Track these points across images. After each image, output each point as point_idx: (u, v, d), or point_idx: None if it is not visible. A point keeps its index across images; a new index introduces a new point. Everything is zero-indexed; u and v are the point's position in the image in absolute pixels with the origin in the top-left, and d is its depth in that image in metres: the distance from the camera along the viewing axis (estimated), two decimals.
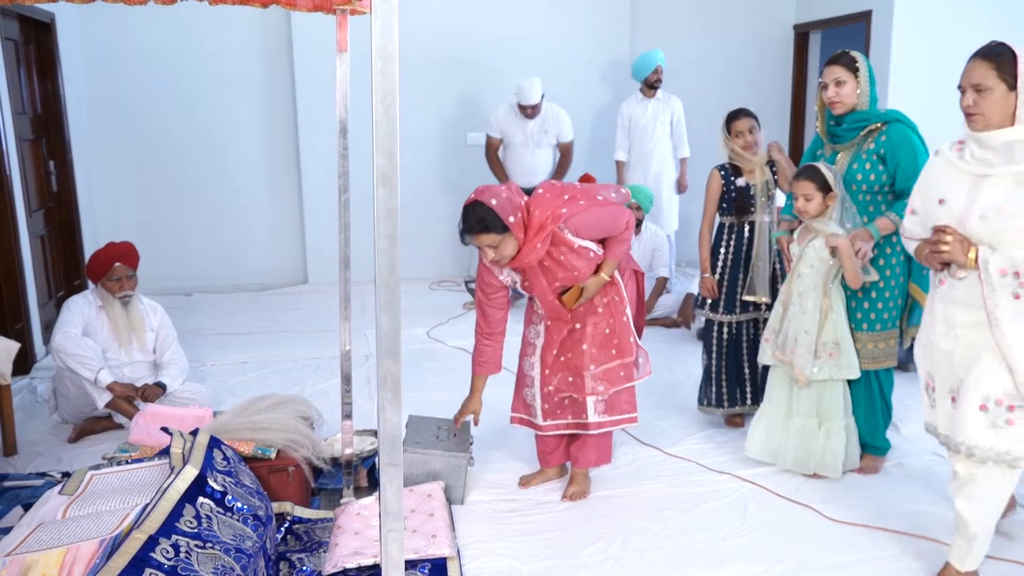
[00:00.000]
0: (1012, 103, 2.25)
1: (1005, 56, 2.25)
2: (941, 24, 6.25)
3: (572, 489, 3.16)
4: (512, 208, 2.79)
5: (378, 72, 1.32)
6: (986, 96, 2.25)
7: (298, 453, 3.06)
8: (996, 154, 2.27)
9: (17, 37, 5.03)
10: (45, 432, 3.83)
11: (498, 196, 2.79)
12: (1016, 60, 2.23)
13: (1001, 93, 2.24)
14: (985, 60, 2.27)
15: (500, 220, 2.75)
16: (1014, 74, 2.23)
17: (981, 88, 2.26)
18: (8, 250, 4.58)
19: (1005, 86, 2.24)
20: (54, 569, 2.10)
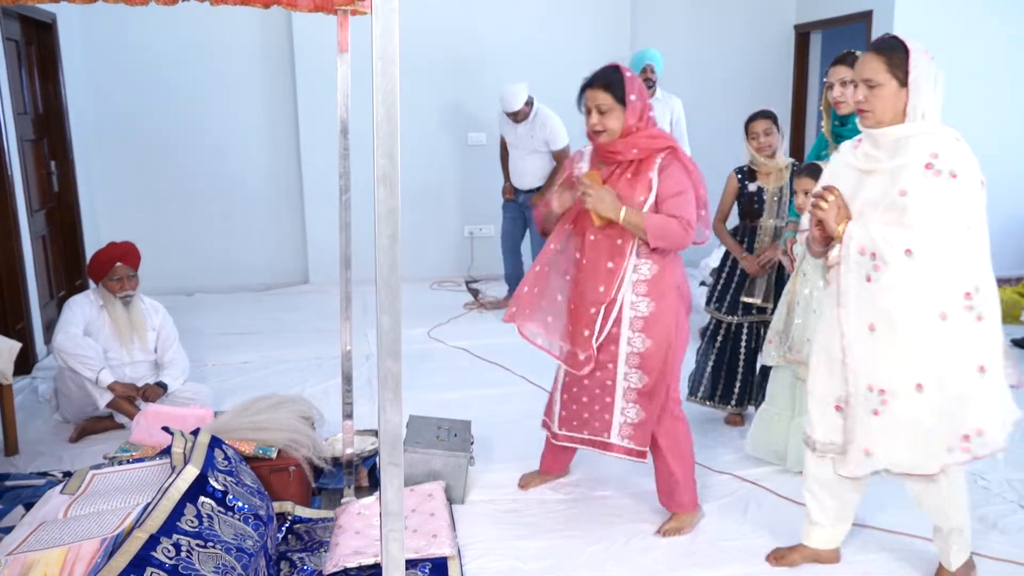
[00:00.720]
0: (903, 100, 2.19)
1: (897, 52, 2.19)
2: (942, 24, 6.25)
3: (668, 525, 2.93)
4: (640, 95, 2.68)
5: (379, 72, 1.33)
6: (877, 92, 2.20)
7: (299, 453, 3.06)
8: (885, 151, 2.23)
9: (19, 37, 5.03)
10: (46, 432, 3.83)
11: (634, 76, 2.71)
12: (908, 56, 2.18)
13: (892, 89, 2.19)
14: (877, 55, 2.21)
15: (623, 89, 2.66)
16: (906, 70, 2.17)
17: (872, 84, 2.20)
18: (9, 250, 4.59)
19: (896, 82, 2.19)
20: (55, 568, 2.10)
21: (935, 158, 2.13)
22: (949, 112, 6.87)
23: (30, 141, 5.11)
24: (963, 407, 2.19)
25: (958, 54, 6.33)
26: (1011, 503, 3.07)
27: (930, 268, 2.12)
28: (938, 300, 2.14)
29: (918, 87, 2.17)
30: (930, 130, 2.19)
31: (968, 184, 2.14)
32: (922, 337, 2.17)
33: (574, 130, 6.90)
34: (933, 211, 2.11)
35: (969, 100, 6.43)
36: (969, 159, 2.16)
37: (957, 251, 2.13)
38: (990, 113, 6.51)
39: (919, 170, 2.13)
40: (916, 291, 2.15)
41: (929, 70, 2.20)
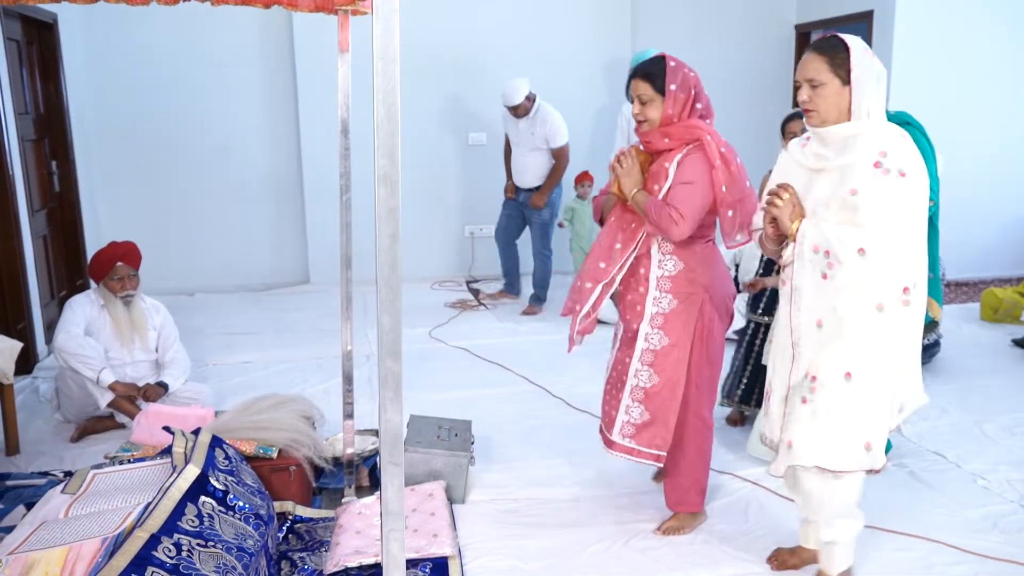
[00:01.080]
0: (847, 98, 2.19)
1: (838, 50, 2.19)
2: (942, 24, 6.25)
3: (668, 523, 2.92)
4: (682, 83, 2.66)
5: (380, 72, 1.33)
6: (820, 91, 2.20)
7: (300, 452, 3.07)
8: (833, 150, 2.23)
9: (20, 38, 5.04)
10: (47, 431, 3.83)
11: (681, 67, 2.70)
12: (849, 54, 2.17)
13: (835, 88, 2.19)
14: (818, 55, 2.22)
15: (663, 80, 2.64)
16: (848, 68, 2.17)
17: (815, 83, 2.21)
18: (10, 250, 4.59)
19: (839, 81, 2.19)
20: (56, 568, 2.10)
21: (884, 156, 2.13)
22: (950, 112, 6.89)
23: (31, 141, 5.11)
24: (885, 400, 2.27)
25: (959, 53, 6.34)
26: (1011, 503, 3.06)
27: (880, 266, 2.14)
28: (879, 293, 2.17)
29: (860, 85, 2.17)
30: (876, 128, 2.18)
31: (916, 182, 2.14)
32: (860, 328, 2.21)
33: (579, 127, 6.93)
34: (884, 210, 2.12)
35: (970, 99, 6.44)
36: (916, 157, 2.16)
37: (904, 248, 2.15)
38: (991, 113, 6.51)
39: (868, 169, 2.14)
40: (865, 288, 2.17)
41: (871, 68, 2.18)
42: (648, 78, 2.67)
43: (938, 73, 6.29)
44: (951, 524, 2.91)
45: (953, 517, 2.97)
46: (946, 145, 6.48)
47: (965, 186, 6.45)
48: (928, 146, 3.16)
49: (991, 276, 6.76)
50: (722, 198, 2.63)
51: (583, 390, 4.25)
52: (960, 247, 6.37)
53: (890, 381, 2.25)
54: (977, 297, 6.06)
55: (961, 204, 6.39)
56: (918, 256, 2.19)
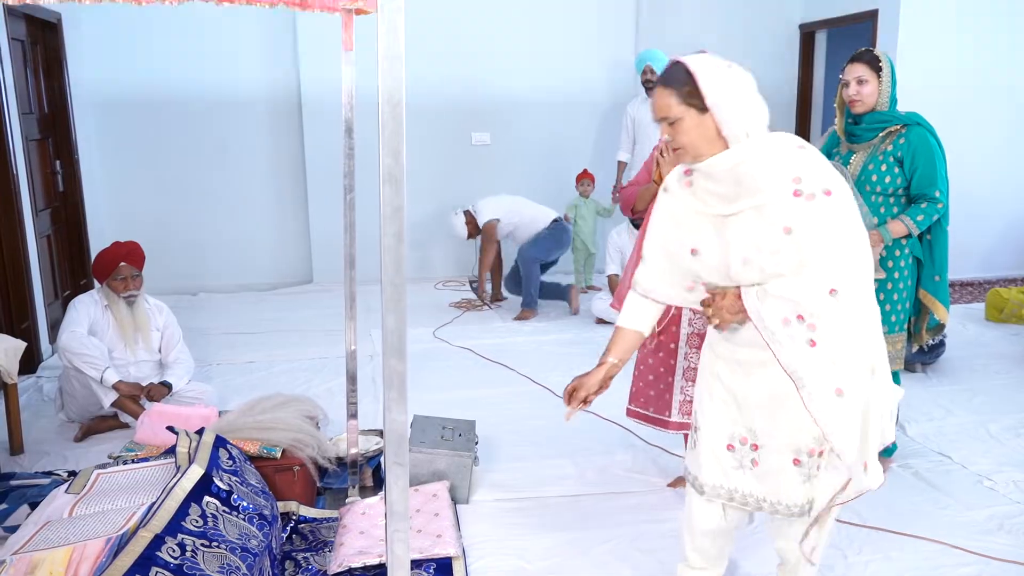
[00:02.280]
0: (711, 125, 1.90)
1: (680, 79, 1.91)
2: (947, 23, 6.24)
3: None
4: None
5: (384, 72, 1.32)
6: (679, 127, 1.92)
7: (303, 452, 3.06)
8: (726, 185, 1.93)
9: (24, 37, 5.04)
10: (51, 431, 3.83)
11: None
12: (695, 80, 1.89)
13: (694, 120, 1.90)
14: (664, 89, 1.94)
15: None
16: (699, 95, 1.89)
17: (671, 120, 1.93)
18: (15, 249, 4.60)
19: (694, 111, 1.90)
20: (61, 567, 2.10)
21: (799, 182, 1.87)
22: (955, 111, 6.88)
23: (35, 140, 5.12)
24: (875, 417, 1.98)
25: (963, 52, 6.33)
26: (1017, 504, 3.05)
27: (858, 296, 1.90)
28: (872, 322, 1.95)
29: (721, 108, 1.89)
30: (765, 149, 1.90)
31: (843, 192, 1.90)
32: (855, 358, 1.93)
33: (583, 126, 6.92)
34: (833, 239, 1.87)
35: (974, 98, 6.43)
36: (826, 165, 1.91)
37: (866, 265, 1.93)
38: (995, 112, 6.50)
39: (789, 200, 1.86)
40: (857, 326, 1.91)
41: (728, 84, 1.91)
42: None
43: (942, 72, 6.27)
44: (956, 525, 2.90)
45: (958, 518, 2.96)
46: (950, 144, 6.43)
47: (970, 186, 6.43)
48: (939, 149, 3.13)
49: (996, 276, 6.74)
50: None
51: None
52: (965, 247, 6.35)
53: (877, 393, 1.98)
54: (982, 297, 6.05)
55: (965, 204, 6.37)
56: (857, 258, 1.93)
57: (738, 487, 2.14)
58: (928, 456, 3.46)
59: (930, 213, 3.10)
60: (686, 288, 2.10)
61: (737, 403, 2.09)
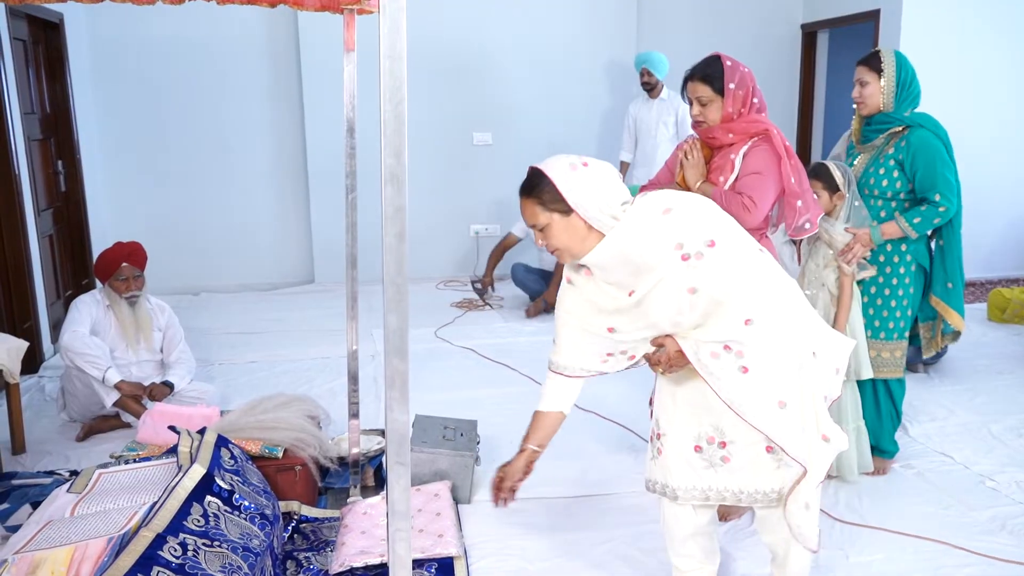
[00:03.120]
0: (579, 224, 1.96)
1: (540, 188, 1.96)
2: (949, 23, 6.23)
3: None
4: (740, 81, 2.63)
5: (386, 71, 1.32)
6: (549, 233, 1.99)
7: (305, 452, 3.06)
8: (621, 273, 2.00)
9: (26, 37, 5.05)
10: (53, 431, 3.84)
11: (737, 65, 2.66)
12: (554, 186, 1.94)
13: (560, 223, 1.96)
14: (527, 200, 2.00)
15: (722, 80, 2.63)
16: (560, 199, 1.94)
17: (540, 227, 1.99)
18: (17, 249, 4.60)
19: (559, 214, 1.96)
20: (63, 567, 2.10)
21: (681, 247, 1.93)
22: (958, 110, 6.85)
23: (37, 140, 5.12)
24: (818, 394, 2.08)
25: (966, 52, 6.32)
26: (1020, 504, 3.05)
27: (774, 316, 1.97)
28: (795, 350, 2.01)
29: (584, 205, 1.94)
30: (638, 228, 1.95)
31: (725, 236, 1.95)
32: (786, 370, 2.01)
33: (584, 127, 6.93)
34: (731, 281, 1.93)
35: (977, 98, 6.42)
36: (698, 218, 1.95)
37: (770, 284, 1.99)
38: (999, 111, 6.49)
39: (680, 266, 1.93)
40: (782, 342, 1.98)
41: (585, 182, 1.95)
42: (707, 80, 2.67)
43: (945, 72, 6.26)
44: (959, 525, 2.90)
45: (961, 518, 2.95)
46: (954, 144, 6.47)
47: (973, 186, 6.40)
48: (943, 151, 3.06)
49: (998, 276, 6.73)
50: (791, 189, 2.66)
51: (588, 390, 4.21)
52: (967, 247, 6.30)
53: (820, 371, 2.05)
54: (984, 297, 6.04)
55: (968, 204, 6.33)
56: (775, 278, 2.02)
57: (712, 485, 2.18)
58: (930, 456, 3.46)
59: (929, 216, 3.04)
60: (601, 360, 2.22)
61: (704, 404, 2.12)
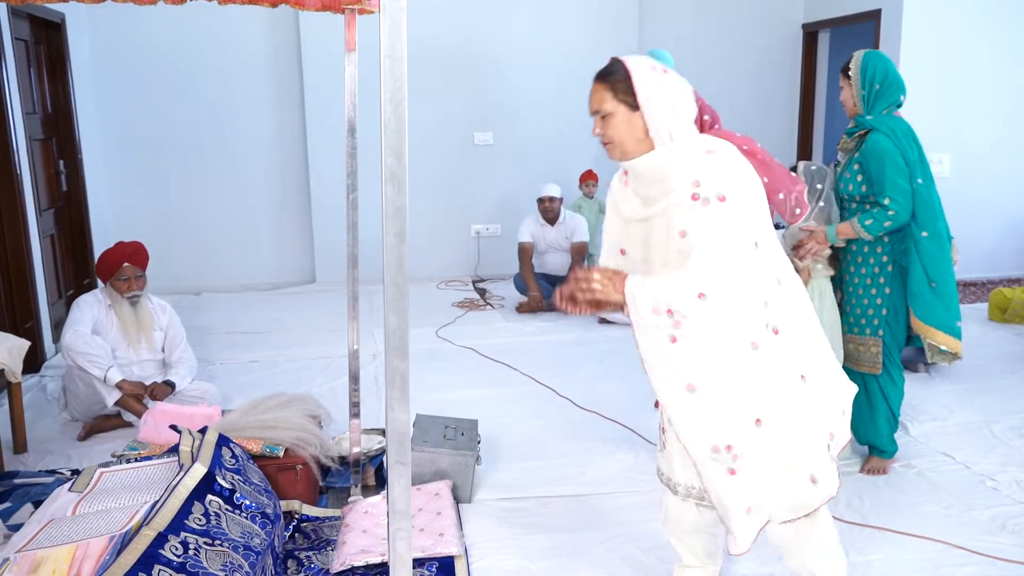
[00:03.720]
0: (640, 124, 1.98)
1: (617, 75, 1.98)
2: (950, 23, 6.23)
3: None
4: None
5: (387, 71, 1.32)
6: (610, 122, 2.00)
7: (306, 451, 3.07)
8: (648, 186, 2.03)
9: (28, 37, 5.06)
10: (55, 430, 3.84)
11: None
12: (631, 78, 1.96)
13: (624, 116, 1.98)
14: (599, 83, 2.01)
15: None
16: (632, 93, 1.96)
17: (603, 114, 2.01)
18: (18, 249, 4.61)
19: (625, 107, 1.97)
20: (64, 565, 2.11)
21: (698, 186, 1.92)
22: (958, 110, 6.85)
23: (39, 140, 5.13)
24: (810, 425, 2.04)
25: (967, 52, 6.32)
26: (1020, 504, 3.05)
27: (728, 304, 1.91)
28: (747, 332, 1.96)
29: (651, 108, 1.96)
30: (682, 153, 1.97)
31: (739, 201, 1.91)
32: (743, 375, 1.98)
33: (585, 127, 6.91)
34: (714, 244, 1.89)
35: (978, 98, 6.41)
36: (730, 172, 1.94)
37: (748, 275, 1.92)
38: (999, 111, 6.49)
39: (687, 204, 1.93)
40: (723, 332, 1.94)
41: (661, 87, 1.97)
42: None
43: (946, 72, 6.26)
44: (959, 525, 2.90)
45: (961, 518, 2.95)
46: (954, 143, 6.49)
47: (973, 185, 6.43)
48: (895, 155, 2.99)
49: (998, 276, 6.73)
50: (769, 188, 2.66)
51: (589, 390, 4.25)
52: (968, 247, 6.32)
53: (812, 399, 2.03)
54: (985, 297, 6.03)
55: (969, 203, 6.37)
56: (766, 274, 1.97)
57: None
58: (931, 456, 3.46)
59: (879, 219, 3.02)
60: None
61: None
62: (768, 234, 2.00)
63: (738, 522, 2.10)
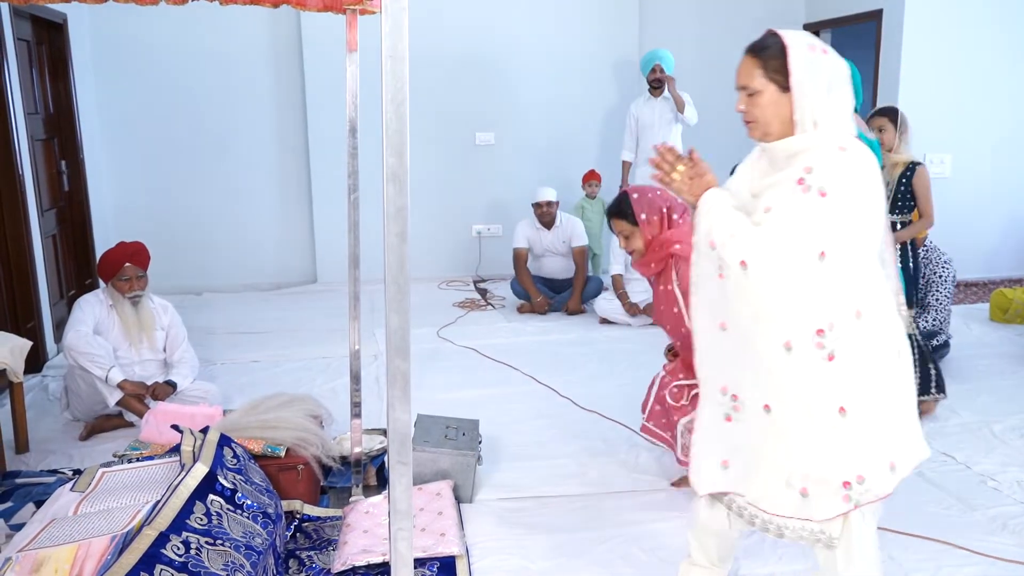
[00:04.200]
0: (788, 106, 1.86)
1: (770, 51, 1.86)
2: (951, 23, 6.23)
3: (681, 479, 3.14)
4: (650, 208, 2.90)
5: (388, 72, 1.33)
6: (756, 100, 1.88)
7: (307, 451, 3.07)
8: (776, 169, 1.92)
9: (30, 37, 5.06)
10: (57, 430, 3.85)
11: (642, 192, 2.94)
12: (787, 55, 1.84)
13: (772, 95, 1.87)
14: (751, 57, 1.89)
15: (633, 214, 2.91)
16: (785, 72, 1.84)
17: (750, 91, 1.89)
18: (20, 249, 4.61)
19: (775, 87, 1.86)
20: (66, 565, 2.11)
21: (808, 172, 1.82)
22: (960, 110, 6.82)
23: (41, 140, 5.13)
24: (827, 451, 1.92)
25: (968, 52, 6.32)
26: (1021, 504, 3.05)
27: (768, 289, 1.84)
28: (782, 328, 1.87)
29: (802, 90, 1.84)
30: (818, 143, 1.85)
31: (838, 204, 1.80)
32: (767, 361, 1.91)
33: (587, 127, 6.94)
34: (787, 230, 1.81)
35: (979, 98, 6.41)
36: (849, 173, 1.81)
37: (805, 279, 1.82)
38: (1000, 111, 6.49)
39: (790, 186, 1.83)
40: (758, 310, 1.87)
41: (817, 69, 1.85)
42: (622, 216, 2.96)
43: (947, 72, 6.26)
44: (960, 525, 2.90)
45: (962, 518, 2.96)
46: (955, 144, 6.49)
47: (974, 185, 6.43)
48: None
49: (999, 276, 6.73)
50: None
51: (590, 390, 4.25)
52: (968, 247, 6.34)
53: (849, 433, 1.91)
54: (986, 297, 6.04)
55: (969, 203, 6.37)
56: (837, 294, 1.84)
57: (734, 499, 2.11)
58: (931, 456, 3.43)
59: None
60: None
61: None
62: (856, 255, 1.84)
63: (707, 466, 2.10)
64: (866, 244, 1.85)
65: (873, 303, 1.89)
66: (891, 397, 1.93)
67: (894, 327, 1.94)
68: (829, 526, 1.99)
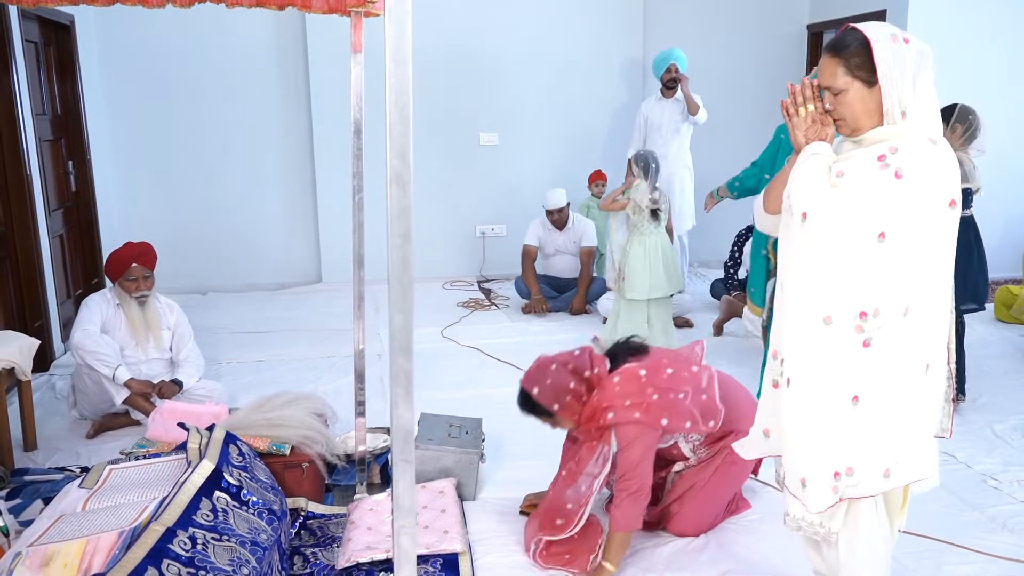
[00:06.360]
0: (876, 100, 1.86)
1: (851, 48, 1.87)
2: (955, 23, 6.23)
3: None
4: (557, 394, 2.67)
5: (392, 74, 1.35)
6: (842, 99, 1.89)
7: (312, 449, 3.09)
8: (862, 148, 1.93)
9: (38, 39, 5.10)
10: (64, 428, 3.88)
11: (540, 381, 2.69)
12: (870, 50, 1.85)
13: (859, 92, 1.87)
14: (832, 57, 1.90)
15: (545, 408, 2.70)
16: (870, 67, 1.85)
17: (834, 91, 1.91)
18: (28, 249, 4.65)
19: (860, 83, 1.87)
20: (75, 559, 2.14)
21: (892, 152, 1.82)
22: None
23: (48, 141, 5.17)
24: (828, 437, 1.93)
25: (971, 52, 6.32)
26: (1021, 503, 3.06)
27: (819, 252, 1.85)
28: (827, 300, 1.87)
29: (890, 81, 1.83)
30: (906, 133, 1.85)
31: (911, 190, 1.79)
32: (805, 330, 1.91)
33: (594, 127, 6.94)
34: (853, 199, 1.82)
35: (983, 98, 6.39)
36: (931, 166, 1.80)
37: (859, 255, 1.82)
38: (1004, 111, 6.47)
39: (870, 159, 1.84)
40: (808, 273, 1.88)
41: (902, 59, 1.83)
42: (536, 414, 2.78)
43: (950, 72, 6.25)
44: (960, 524, 2.91)
45: (962, 517, 2.97)
46: None
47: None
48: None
49: (1000, 277, 6.72)
50: (669, 428, 2.65)
51: None
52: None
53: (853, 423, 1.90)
54: (990, 297, 6.03)
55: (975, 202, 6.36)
56: (887, 281, 1.82)
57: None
58: None
59: None
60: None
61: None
62: (917, 248, 1.81)
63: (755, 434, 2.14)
64: (930, 240, 1.82)
65: (924, 306, 1.86)
66: (908, 406, 1.90)
67: (937, 338, 1.90)
68: (829, 521, 2.02)
